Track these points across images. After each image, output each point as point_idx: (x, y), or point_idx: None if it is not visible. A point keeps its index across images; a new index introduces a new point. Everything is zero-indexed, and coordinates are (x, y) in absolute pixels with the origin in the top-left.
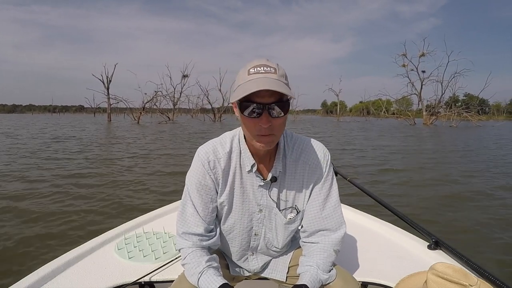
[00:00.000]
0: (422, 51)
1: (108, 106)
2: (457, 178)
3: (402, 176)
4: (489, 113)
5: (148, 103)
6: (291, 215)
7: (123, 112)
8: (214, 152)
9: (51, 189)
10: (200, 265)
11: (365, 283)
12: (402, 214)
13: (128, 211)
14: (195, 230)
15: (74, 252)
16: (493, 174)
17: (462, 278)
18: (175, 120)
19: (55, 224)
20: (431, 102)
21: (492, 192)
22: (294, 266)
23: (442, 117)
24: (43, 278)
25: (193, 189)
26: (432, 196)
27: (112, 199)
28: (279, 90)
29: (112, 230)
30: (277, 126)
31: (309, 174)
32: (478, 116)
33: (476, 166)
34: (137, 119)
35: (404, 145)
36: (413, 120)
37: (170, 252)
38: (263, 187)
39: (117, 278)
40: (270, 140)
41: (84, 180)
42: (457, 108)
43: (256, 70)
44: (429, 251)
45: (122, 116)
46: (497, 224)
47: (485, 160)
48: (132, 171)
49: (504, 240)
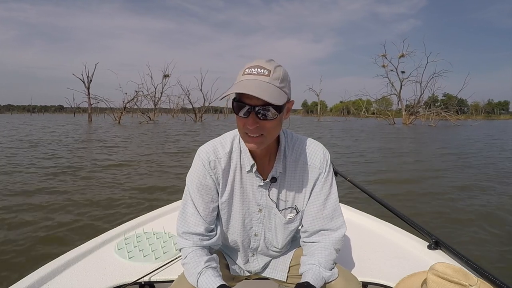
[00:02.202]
0: (402, 52)
1: (88, 106)
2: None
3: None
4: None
5: (129, 103)
6: (290, 215)
7: (104, 112)
8: (215, 152)
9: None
10: (199, 266)
11: (365, 283)
12: (402, 214)
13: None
14: (196, 229)
15: (74, 252)
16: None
17: (462, 278)
18: (156, 120)
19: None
20: (410, 102)
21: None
22: (295, 265)
23: (421, 117)
24: (43, 278)
25: (194, 189)
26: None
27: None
28: (257, 95)
29: (112, 230)
30: (267, 128)
31: (309, 174)
32: (456, 116)
33: (438, 163)
34: (118, 119)
35: (383, 144)
36: (393, 120)
37: (170, 252)
38: (262, 187)
39: (117, 278)
40: (259, 141)
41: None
42: (436, 108)
43: (250, 71)
44: (429, 251)
45: (102, 116)
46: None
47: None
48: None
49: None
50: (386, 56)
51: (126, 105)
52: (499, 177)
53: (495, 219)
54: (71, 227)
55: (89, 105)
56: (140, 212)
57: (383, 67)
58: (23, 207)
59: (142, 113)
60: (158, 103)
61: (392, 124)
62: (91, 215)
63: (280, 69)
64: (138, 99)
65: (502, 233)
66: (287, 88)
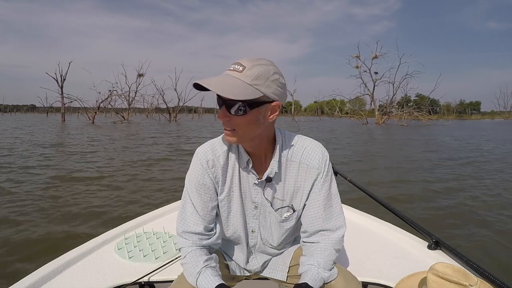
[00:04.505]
0: (375, 53)
1: (62, 106)
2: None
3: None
4: (439, 113)
5: (103, 103)
6: (286, 214)
7: (77, 112)
8: (213, 151)
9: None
10: (199, 265)
11: (365, 283)
12: (402, 214)
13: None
14: (195, 229)
15: (74, 252)
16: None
17: (462, 278)
18: (130, 120)
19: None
20: (383, 102)
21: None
22: (295, 265)
23: (394, 117)
24: (43, 278)
25: (192, 188)
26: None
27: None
28: (209, 87)
29: (112, 230)
30: (238, 125)
31: (307, 174)
32: (428, 116)
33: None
34: (91, 119)
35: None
36: (366, 120)
37: (170, 252)
38: (258, 186)
39: (117, 278)
40: (231, 134)
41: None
42: (409, 108)
43: (228, 67)
44: (429, 251)
45: (75, 115)
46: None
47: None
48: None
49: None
50: (359, 57)
51: (100, 104)
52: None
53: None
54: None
55: (63, 105)
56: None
57: (357, 68)
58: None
59: (116, 112)
60: (132, 103)
61: (365, 124)
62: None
63: (260, 68)
64: (112, 98)
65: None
66: (263, 86)
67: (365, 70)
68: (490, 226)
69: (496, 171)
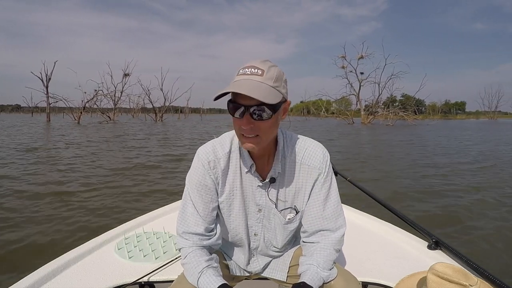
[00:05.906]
0: (361, 54)
1: (47, 106)
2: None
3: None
4: (425, 113)
5: (88, 103)
6: (290, 215)
7: (63, 112)
8: (214, 152)
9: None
10: (200, 265)
11: (365, 283)
12: (402, 214)
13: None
14: (195, 229)
15: (74, 252)
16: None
17: (462, 278)
18: (116, 120)
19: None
20: (369, 102)
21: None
22: (295, 265)
23: (379, 117)
24: (43, 278)
25: (193, 189)
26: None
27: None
28: (249, 94)
29: (112, 230)
30: (262, 129)
31: (308, 174)
32: (413, 116)
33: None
34: (77, 119)
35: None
36: (352, 120)
37: (170, 252)
38: (261, 188)
39: (117, 278)
40: (254, 141)
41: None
42: (394, 108)
43: (244, 72)
44: (429, 251)
45: (61, 115)
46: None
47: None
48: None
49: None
50: (345, 57)
51: (86, 104)
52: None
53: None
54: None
55: (48, 105)
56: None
57: (343, 68)
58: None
59: (102, 112)
60: (118, 103)
61: (351, 124)
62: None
63: (274, 69)
64: (97, 98)
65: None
66: (281, 87)
67: (351, 71)
68: (490, 226)
69: (494, 172)
